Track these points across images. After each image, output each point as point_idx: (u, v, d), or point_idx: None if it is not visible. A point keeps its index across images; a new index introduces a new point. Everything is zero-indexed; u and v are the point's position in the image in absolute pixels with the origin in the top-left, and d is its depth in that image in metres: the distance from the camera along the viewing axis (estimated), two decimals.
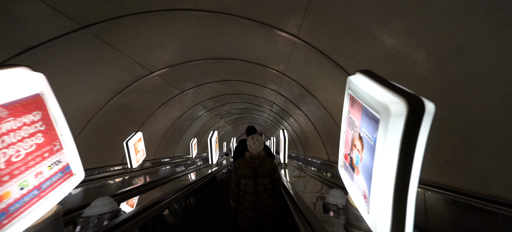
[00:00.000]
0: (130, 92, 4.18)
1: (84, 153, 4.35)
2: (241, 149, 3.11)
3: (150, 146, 6.40)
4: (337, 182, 3.08)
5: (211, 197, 5.24)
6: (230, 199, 2.33)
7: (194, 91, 6.30)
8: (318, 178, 3.86)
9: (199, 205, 4.29)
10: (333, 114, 4.38)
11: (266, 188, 2.12)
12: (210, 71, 5.15)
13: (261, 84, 6.16)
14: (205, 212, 4.42)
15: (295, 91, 5.31)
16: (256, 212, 2.09)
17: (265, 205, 2.10)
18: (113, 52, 3.08)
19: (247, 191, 2.10)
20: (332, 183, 3.24)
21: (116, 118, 4.37)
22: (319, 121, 5.65)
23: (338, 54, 2.84)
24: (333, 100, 3.95)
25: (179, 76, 4.91)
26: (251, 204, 2.08)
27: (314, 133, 6.53)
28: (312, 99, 4.87)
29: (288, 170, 5.01)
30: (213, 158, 5.68)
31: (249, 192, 2.10)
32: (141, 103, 4.85)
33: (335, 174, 4.74)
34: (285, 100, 6.55)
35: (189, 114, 7.83)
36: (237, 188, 2.17)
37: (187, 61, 4.32)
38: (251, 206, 2.09)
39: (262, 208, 2.09)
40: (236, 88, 6.95)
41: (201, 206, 4.36)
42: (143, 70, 3.89)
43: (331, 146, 5.58)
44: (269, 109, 9.41)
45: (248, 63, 4.61)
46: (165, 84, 4.90)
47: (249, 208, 2.10)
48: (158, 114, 5.83)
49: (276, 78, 5.15)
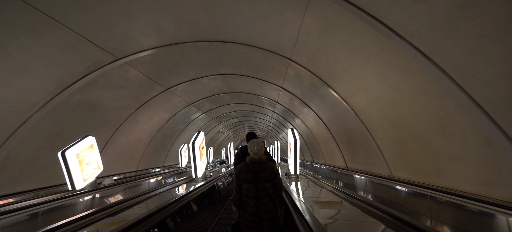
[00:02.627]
0: (90, 86, 3.11)
1: (19, 169, 2.82)
2: (242, 155, 3.00)
3: (131, 155, 5.29)
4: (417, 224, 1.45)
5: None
6: (232, 204, 2.31)
7: (184, 89, 5.23)
8: (369, 210, 1.99)
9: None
10: (358, 108, 3.26)
11: (268, 193, 2.13)
12: (199, 61, 4.08)
13: (262, 78, 5.07)
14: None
15: (303, 83, 4.21)
16: (258, 216, 2.10)
17: (267, 209, 2.12)
18: (41, 20, 2.03)
19: (249, 195, 2.12)
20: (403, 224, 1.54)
21: (73, 121, 3.29)
22: (334, 121, 4.51)
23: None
24: (360, 88, 2.84)
25: (160, 67, 3.84)
26: (253, 209, 2.10)
27: (326, 136, 5.38)
28: (326, 91, 3.76)
29: (302, 185, 3.54)
30: (197, 170, 3.96)
31: (250, 197, 2.11)
32: (112, 101, 3.78)
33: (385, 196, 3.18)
34: (291, 97, 5.44)
35: (181, 117, 6.74)
36: (239, 193, 2.18)
37: (167, 44, 3.26)
38: (253, 211, 2.10)
39: (264, 213, 2.11)
40: (233, 85, 5.87)
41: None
42: (104, 54, 2.83)
43: (350, 151, 4.42)
44: (271, 111, 8.30)
45: (243, 47, 3.54)
46: (143, 78, 3.84)
47: (251, 213, 2.11)
48: (138, 116, 4.75)
49: (280, 67, 4.06)
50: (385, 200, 3.07)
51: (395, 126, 2.61)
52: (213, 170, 8.33)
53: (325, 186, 3.33)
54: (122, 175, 5.19)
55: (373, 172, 3.58)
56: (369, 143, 3.39)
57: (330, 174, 5.75)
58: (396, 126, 2.59)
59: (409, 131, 2.38)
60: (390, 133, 2.77)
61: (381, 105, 2.64)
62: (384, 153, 3.12)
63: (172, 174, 6.34)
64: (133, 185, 4.53)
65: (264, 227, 2.09)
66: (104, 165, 4.43)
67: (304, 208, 2.02)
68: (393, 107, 2.45)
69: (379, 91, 2.51)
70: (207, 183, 3.98)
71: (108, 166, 4.54)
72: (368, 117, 3.13)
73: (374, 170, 3.60)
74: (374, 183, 3.41)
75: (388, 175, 3.13)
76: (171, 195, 2.78)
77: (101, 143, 4.10)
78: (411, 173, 2.62)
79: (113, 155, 4.55)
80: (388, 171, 3.12)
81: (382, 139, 3.07)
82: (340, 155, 4.98)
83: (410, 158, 2.57)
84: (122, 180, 4.52)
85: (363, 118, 3.29)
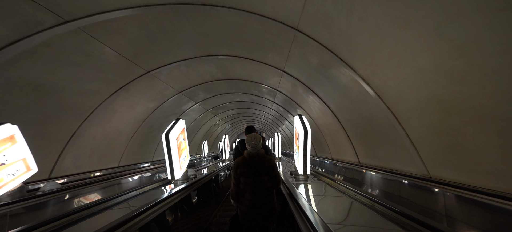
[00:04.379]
0: (31, 59, 2.28)
1: None
2: (241, 149, 2.94)
3: (110, 149, 4.51)
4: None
5: None
6: (230, 198, 2.31)
7: (169, 73, 4.41)
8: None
9: None
10: (384, 89, 2.47)
11: (266, 186, 2.12)
12: (183, 35, 3.25)
13: (261, 61, 4.26)
14: None
15: (311, 62, 3.40)
16: (256, 209, 2.09)
17: (265, 202, 2.11)
18: None
19: (247, 189, 2.11)
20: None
21: (11, 105, 2.48)
22: (345, 108, 3.74)
23: None
24: (394, 59, 2.05)
25: (133, 41, 3.01)
26: (251, 202, 2.09)
27: (333, 127, 4.62)
28: (339, 72, 2.97)
29: (315, 192, 2.65)
30: (174, 170, 3.02)
31: (248, 190, 2.11)
32: (72, 83, 2.96)
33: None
34: (294, 83, 4.64)
35: (170, 107, 5.93)
36: (236, 186, 2.17)
37: (136, 5, 2.42)
38: (250, 204, 2.09)
39: (262, 206, 2.10)
40: (228, 70, 5.05)
41: None
42: (40, 11, 1.99)
43: (366, 144, 3.66)
44: (271, 101, 7.50)
45: (237, 14, 2.71)
46: (114, 55, 3.01)
47: (249, 206, 2.10)
48: (115, 103, 3.94)
49: (283, 43, 3.25)
50: (427, 210, 2.32)
51: (445, 110, 1.84)
52: (207, 165, 7.56)
53: (352, 193, 2.45)
54: (103, 172, 4.43)
55: (399, 170, 2.84)
56: (394, 134, 2.63)
57: (341, 171, 5.01)
58: (448, 109, 1.81)
59: (474, 116, 1.61)
60: (434, 120, 2.00)
61: (427, 81, 1.86)
62: (418, 147, 2.36)
63: (157, 171, 5.56)
64: (86, 191, 3.16)
65: (262, 219, 2.11)
66: (73, 162, 3.66)
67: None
68: (450, 82, 1.67)
69: (429, 59, 1.72)
70: (188, 188, 3.11)
71: (78, 163, 3.76)
72: (399, 100, 2.35)
73: (399, 167, 2.85)
74: (404, 184, 2.65)
75: (423, 174, 2.38)
76: (121, 213, 1.82)
77: (64, 136, 3.31)
78: (467, 174, 1.86)
79: (84, 150, 3.77)
80: (422, 169, 2.37)
81: (417, 128, 2.31)
82: (351, 148, 4.23)
83: (467, 153, 1.81)
84: (82, 181, 3.49)
85: (390, 102, 2.51)
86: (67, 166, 3.50)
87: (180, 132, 3.21)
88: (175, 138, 2.87)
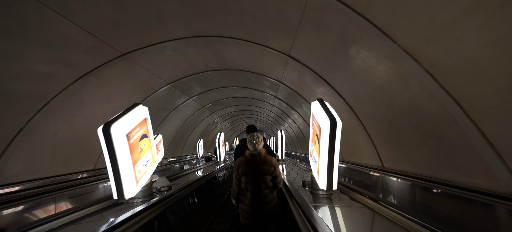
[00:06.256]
0: None
1: None
2: (242, 148, 2.89)
3: (81, 149, 3.70)
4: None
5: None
6: (231, 197, 2.31)
7: (152, 58, 3.60)
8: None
9: None
10: (441, 67, 1.62)
11: (267, 186, 2.10)
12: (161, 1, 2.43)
13: (261, 43, 3.44)
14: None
15: (328, 37, 2.56)
16: (257, 209, 2.08)
17: (266, 202, 2.09)
18: None
19: (248, 188, 2.10)
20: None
21: None
22: (368, 99, 2.89)
23: None
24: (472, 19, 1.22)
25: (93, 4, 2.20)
26: (252, 202, 2.08)
27: (349, 124, 3.76)
28: (370, 46, 2.13)
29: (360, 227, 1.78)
30: (123, 187, 1.87)
31: (249, 190, 2.09)
32: (8, 62, 2.16)
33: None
34: (301, 71, 3.81)
35: (159, 101, 5.14)
36: (238, 186, 2.17)
37: None
38: (252, 203, 2.08)
39: (263, 205, 2.09)
40: (223, 56, 4.24)
41: None
42: None
43: (394, 144, 2.77)
44: (273, 96, 6.67)
45: None
46: (67, 24, 2.20)
47: (250, 205, 2.09)
48: (82, 93, 3.14)
49: (290, 11, 2.41)
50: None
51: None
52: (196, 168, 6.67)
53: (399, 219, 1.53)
54: (73, 175, 3.63)
55: (460, 182, 1.97)
56: (456, 131, 1.80)
57: (354, 176, 4.17)
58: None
59: None
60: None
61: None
62: (501, 151, 1.53)
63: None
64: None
65: (263, 219, 2.09)
66: (26, 164, 2.85)
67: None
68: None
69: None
70: (150, 210, 2.09)
71: (33, 167, 2.95)
72: (470, 79, 1.52)
73: (456, 178, 2.01)
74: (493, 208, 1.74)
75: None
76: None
77: (6, 133, 2.50)
78: None
79: (40, 150, 2.96)
80: (510, 183, 1.53)
81: (500, 123, 1.47)
82: (371, 149, 3.38)
83: None
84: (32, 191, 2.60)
85: (451, 83, 1.67)
86: (15, 171, 2.70)
87: (136, 125, 2.16)
88: (125, 133, 1.87)
